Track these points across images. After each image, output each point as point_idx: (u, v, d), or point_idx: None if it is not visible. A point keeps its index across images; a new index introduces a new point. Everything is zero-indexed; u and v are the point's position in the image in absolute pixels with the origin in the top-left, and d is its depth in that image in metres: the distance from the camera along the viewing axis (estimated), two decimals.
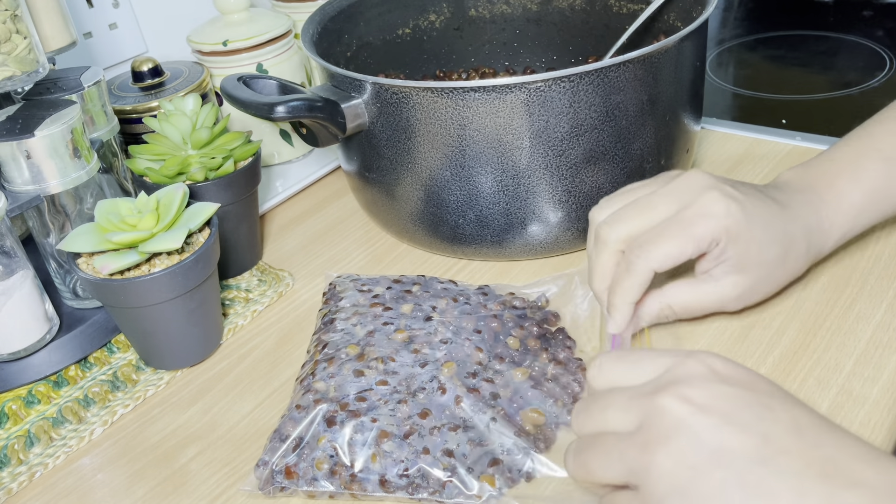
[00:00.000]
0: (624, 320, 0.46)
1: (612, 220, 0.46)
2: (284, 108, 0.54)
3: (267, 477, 0.43)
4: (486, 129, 0.52)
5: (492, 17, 0.79)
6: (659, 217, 0.45)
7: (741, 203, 0.45)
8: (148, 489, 0.46)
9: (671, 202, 0.45)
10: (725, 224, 0.44)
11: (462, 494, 0.41)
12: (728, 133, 0.75)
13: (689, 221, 0.44)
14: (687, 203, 0.45)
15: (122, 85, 0.69)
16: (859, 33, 0.95)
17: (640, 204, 0.46)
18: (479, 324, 0.50)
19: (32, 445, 0.50)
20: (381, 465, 0.42)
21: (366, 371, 0.47)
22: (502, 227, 0.57)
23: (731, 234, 0.44)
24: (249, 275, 0.64)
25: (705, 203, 0.44)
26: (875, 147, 0.49)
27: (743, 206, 0.45)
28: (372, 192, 0.62)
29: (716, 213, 0.44)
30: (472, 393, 0.45)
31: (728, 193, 0.45)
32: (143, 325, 0.52)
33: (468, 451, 0.42)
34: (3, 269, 0.51)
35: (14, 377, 0.53)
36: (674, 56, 0.54)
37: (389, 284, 0.55)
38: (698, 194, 0.45)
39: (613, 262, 0.46)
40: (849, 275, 0.54)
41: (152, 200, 0.51)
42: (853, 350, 0.48)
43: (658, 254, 0.44)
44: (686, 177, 0.46)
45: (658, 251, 0.44)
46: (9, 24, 0.51)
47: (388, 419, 0.43)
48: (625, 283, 0.45)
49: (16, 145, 0.50)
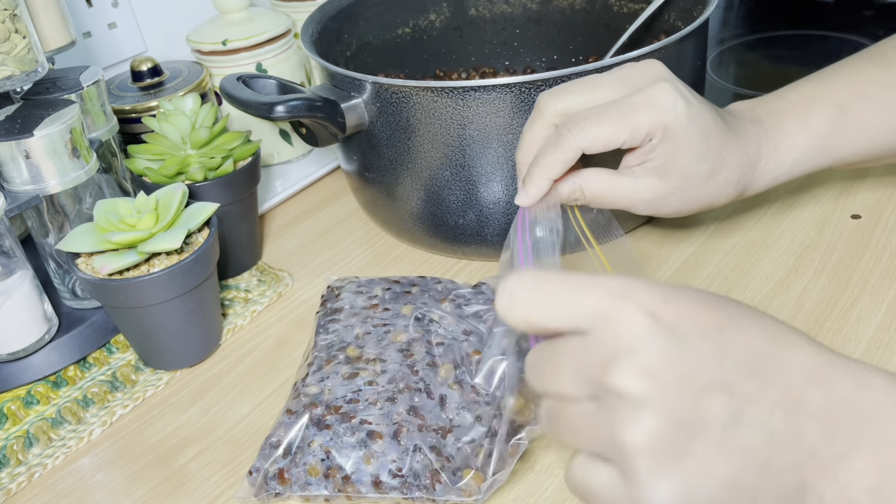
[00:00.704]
0: (538, 194, 0.44)
1: (554, 91, 0.44)
2: (284, 107, 0.53)
3: (260, 483, 0.43)
4: (486, 129, 0.52)
5: (492, 17, 0.78)
6: (603, 97, 0.43)
7: (689, 104, 0.43)
8: (147, 489, 0.46)
9: (620, 86, 0.44)
10: (666, 119, 0.42)
11: (453, 492, 0.41)
12: None
13: (631, 107, 0.42)
14: (636, 89, 0.43)
15: (121, 84, 0.69)
16: (859, 33, 0.95)
17: (587, 81, 0.44)
18: (479, 325, 0.50)
19: (31, 446, 0.50)
20: (374, 467, 0.42)
21: (359, 373, 0.46)
22: (502, 227, 0.57)
23: (667, 132, 0.43)
24: (249, 275, 0.64)
25: (654, 93, 0.43)
26: (829, 92, 0.48)
27: (690, 108, 0.43)
28: (372, 192, 0.61)
29: (661, 105, 0.42)
30: (465, 392, 0.45)
31: (680, 91, 0.43)
32: (143, 326, 0.52)
33: (459, 449, 0.42)
34: (2, 269, 0.51)
35: (13, 377, 0.53)
36: (674, 56, 0.54)
37: (388, 286, 0.55)
38: (650, 83, 0.43)
39: (543, 133, 0.44)
40: (849, 275, 0.54)
41: (151, 200, 0.51)
42: (853, 350, 0.48)
43: (591, 133, 0.42)
44: (643, 64, 0.44)
45: (591, 130, 0.42)
46: (8, 24, 0.51)
47: (380, 420, 0.43)
48: (549, 156, 0.43)
49: (15, 145, 0.50)
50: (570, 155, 0.43)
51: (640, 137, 0.43)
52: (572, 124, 0.42)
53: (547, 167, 0.43)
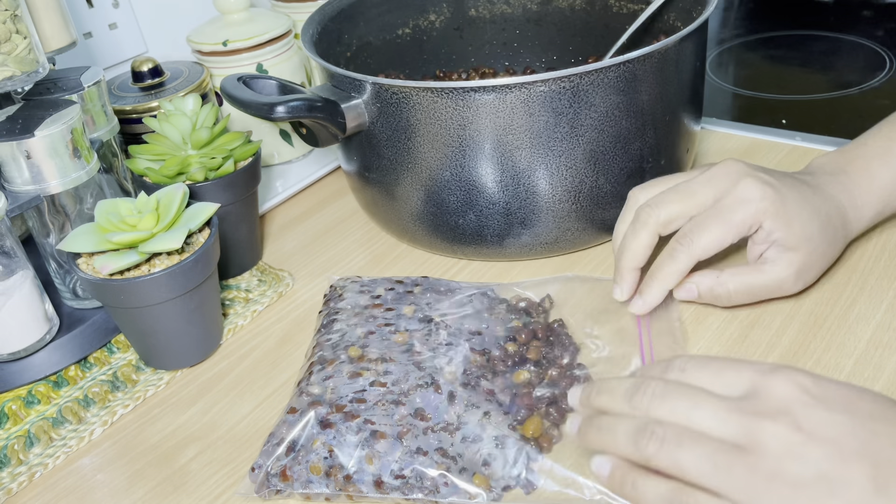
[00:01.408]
0: (655, 303, 0.49)
1: (653, 202, 0.49)
2: (284, 108, 0.54)
3: (262, 480, 0.43)
4: (486, 129, 0.52)
5: (492, 17, 0.79)
6: (698, 203, 0.48)
7: (775, 186, 0.47)
8: (148, 489, 0.46)
9: (709, 189, 0.48)
10: (762, 206, 0.47)
11: (456, 494, 0.41)
12: (728, 133, 0.75)
13: (728, 208, 0.47)
14: (725, 190, 0.48)
15: (122, 85, 0.69)
16: (859, 33, 0.95)
17: (681, 189, 0.49)
18: (481, 326, 0.50)
19: (32, 445, 0.50)
20: (376, 467, 0.42)
21: (363, 373, 0.47)
22: (502, 227, 0.57)
23: (769, 214, 0.47)
24: (249, 275, 0.64)
25: (741, 189, 0.47)
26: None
27: (777, 189, 0.47)
28: (372, 192, 0.62)
29: (752, 197, 0.47)
30: (468, 393, 0.45)
31: (762, 179, 0.48)
32: (143, 326, 0.52)
33: (463, 451, 0.42)
34: (3, 270, 0.51)
35: (14, 377, 0.53)
36: (674, 56, 0.54)
37: (391, 286, 0.55)
38: (735, 182, 0.47)
39: (649, 243, 0.49)
40: (849, 275, 0.54)
41: (152, 200, 0.51)
42: (853, 350, 0.48)
43: (701, 242, 0.47)
44: (723, 165, 0.49)
45: (701, 240, 0.47)
46: (9, 24, 0.51)
47: (383, 420, 0.43)
48: (666, 268, 0.48)
49: (16, 145, 0.50)
50: (685, 266, 0.48)
51: (745, 230, 0.48)
52: (682, 238, 0.48)
53: (665, 279, 0.48)
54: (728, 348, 0.49)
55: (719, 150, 0.72)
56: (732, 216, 0.47)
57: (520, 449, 0.42)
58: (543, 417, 0.44)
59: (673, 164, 0.60)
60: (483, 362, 0.47)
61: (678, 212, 0.48)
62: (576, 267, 0.59)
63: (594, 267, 0.59)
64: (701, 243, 0.47)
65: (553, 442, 0.43)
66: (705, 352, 0.49)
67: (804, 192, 0.49)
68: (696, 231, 0.47)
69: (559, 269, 0.59)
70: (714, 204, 0.48)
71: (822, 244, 0.49)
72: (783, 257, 0.48)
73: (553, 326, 0.51)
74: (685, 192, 0.48)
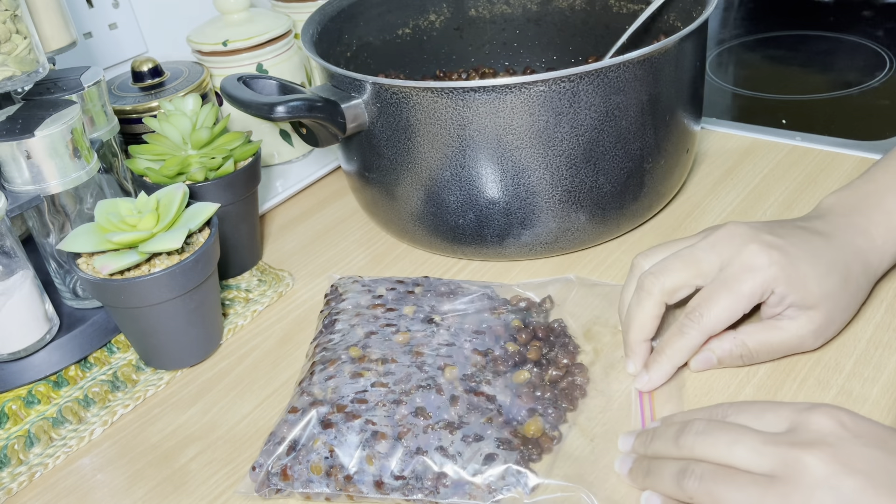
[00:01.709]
0: (662, 380, 0.47)
1: (656, 270, 0.47)
2: (284, 108, 0.54)
3: (262, 479, 0.43)
4: (486, 129, 0.52)
5: (492, 17, 0.79)
6: (702, 270, 0.46)
7: (782, 249, 0.45)
8: (148, 489, 0.46)
9: (714, 256, 0.46)
10: (772, 273, 0.45)
11: (457, 495, 0.41)
12: (728, 133, 0.75)
13: (735, 279, 0.45)
14: (729, 258, 0.46)
15: (122, 85, 0.69)
16: (859, 33, 0.95)
17: (684, 256, 0.47)
18: (482, 326, 0.50)
19: (32, 445, 0.50)
20: (377, 467, 0.42)
21: (364, 373, 0.47)
22: (502, 227, 0.57)
23: (780, 280, 0.45)
24: (249, 275, 0.64)
25: (747, 257, 0.45)
26: None
27: (785, 252, 0.45)
28: (372, 192, 0.62)
29: (759, 265, 0.45)
30: (469, 393, 0.45)
31: (767, 242, 0.45)
32: (143, 325, 0.52)
33: (463, 450, 0.42)
34: (3, 270, 0.51)
35: (14, 377, 0.53)
36: (674, 56, 0.54)
37: (392, 286, 0.55)
38: (739, 249, 0.45)
39: (655, 313, 0.47)
40: None
41: (152, 200, 0.51)
42: (853, 350, 0.48)
43: (711, 317, 0.45)
44: (725, 230, 0.47)
45: (711, 314, 0.45)
46: (9, 24, 0.51)
47: (384, 421, 0.43)
48: (676, 344, 0.46)
49: (16, 145, 0.50)
50: (695, 342, 0.46)
51: (756, 299, 0.45)
52: (693, 314, 0.46)
53: (674, 355, 0.46)
54: None
55: (719, 149, 0.72)
56: (741, 287, 0.45)
57: (520, 450, 0.42)
58: (544, 418, 0.44)
59: (673, 164, 0.60)
60: (484, 362, 0.47)
61: (683, 280, 0.46)
62: (576, 267, 0.59)
63: (594, 267, 0.59)
64: (712, 318, 0.45)
65: (553, 443, 0.43)
66: None
67: (815, 245, 0.46)
68: (704, 305, 0.45)
69: (559, 268, 0.59)
70: (720, 272, 0.46)
71: (843, 298, 0.47)
72: (803, 316, 0.46)
73: (553, 327, 0.51)
74: (689, 259, 0.46)
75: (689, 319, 0.46)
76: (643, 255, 0.49)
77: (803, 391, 0.46)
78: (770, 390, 0.46)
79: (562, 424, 0.45)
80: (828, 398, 0.45)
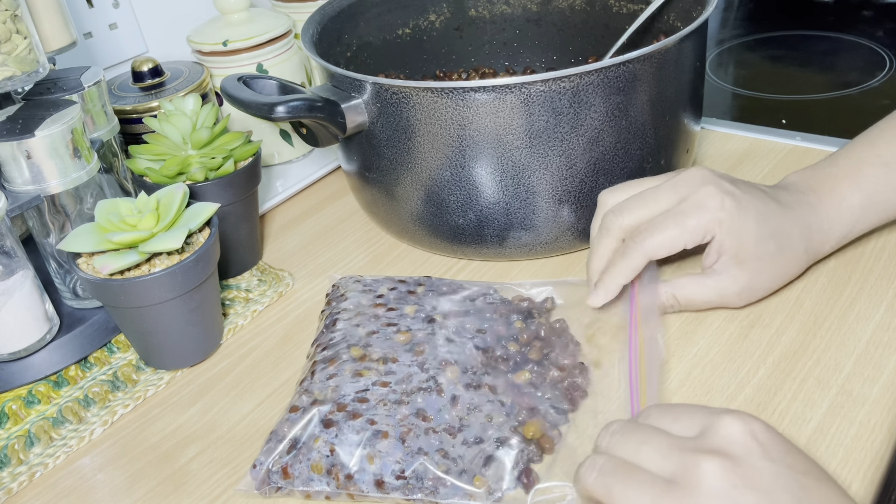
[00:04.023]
0: (607, 297, 0.50)
1: (617, 209, 0.50)
2: (284, 108, 0.54)
3: (263, 477, 0.43)
4: (486, 129, 0.52)
5: (492, 17, 0.79)
6: (660, 208, 0.49)
7: (736, 198, 0.48)
8: (148, 489, 0.46)
9: (672, 196, 0.49)
10: (718, 217, 0.47)
11: (457, 496, 0.41)
12: (728, 133, 0.75)
13: (684, 213, 0.48)
14: (685, 196, 0.48)
15: (122, 85, 0.69)
16: (859, 33, 0.95)
17: (645, 196, 0.50)
18: (483, 325, 0.50)
19: (32, 445, 0.50)
20: (378, 466, 0.42)
21: (365, 372, 0.47)
22: (502, 227, 0.57)
23: (724, 226, 0.47)
24: (249, 275, 0.64)
25: (701, 196, 0.48)
26: (876, 153, 0.51)
27: (738, 201, 0.48)
28: (372, 192, 0.62)
29: (710, 206, 0.47)
30: (470, 394, 0.45)
31: (724, 189, 0.48)
32: (143, 325, 0.52)
33: (464, 453, 0.42)
34: (4, 269, 0.51)
35: (14, 377, 0.53)
36: (674, 56, 0.54)
37: (393, 285, 0.55)
38: (696, 188, 0.48)
39: (613, 247, 0.50)
40: (849, 275, 0.54)
41: (152, 200, 0.51)
42: (853, 350, 0.48)
43: (652, 242, 0.48)
44: (688, 172, 0.50)
45: (652, 239, 0.48)
46: (9, 24, 0.51)
47: (386, 420, 0.43)
48: (618, 264, 0.49)
49: (16, 145, 0.50)
50: (636, 263, 0.49)
51: (699, 237, 0.48)
52: (637, 236, 0.49)
53: (616, 274, 0.49)
54: (728, 348, 0.49)
55: (719, 149, 0.72)
56: (687, 220, 0.47)
57: (521, 451, 0.42)
58: (545, 419, 0.44)
59: (673, 164, 0.60)
60: (485, 362, 0.47)
61: (641, 218, 0.49)
62: (576, 267, 0.59)
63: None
64: (654, 242, 0.48)
65: (554, 443, 0.43)
66: (705, 352, 0.50)
67: (769, 208, 0.49)
68: (650, 230, 0.48)
69: (559, 268, 0.59)
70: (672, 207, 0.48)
71: (773, 265, 0.49)
72: (729, 272, 0.49)
73: (555, 327, 0.51)
74: (649, 199, 0.49)
75: (633, 241, 0.48)
76: (609, 191, 0.52)
77: (803, 391, 0.46)
78: (770, 390, 0.46)
79: (562, 425, 0.45)
80: (828, 398, 0.45)
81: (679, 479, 0.33)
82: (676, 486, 0.33)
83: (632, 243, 0.49)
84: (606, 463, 0.36)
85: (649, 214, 0.49)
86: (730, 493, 0.32)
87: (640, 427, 0.37)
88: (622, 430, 0.37)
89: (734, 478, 0.32)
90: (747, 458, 0.33)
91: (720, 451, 0.33)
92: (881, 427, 0.43)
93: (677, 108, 0.57)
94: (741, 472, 0.32)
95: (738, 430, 0.34)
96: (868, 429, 0.43)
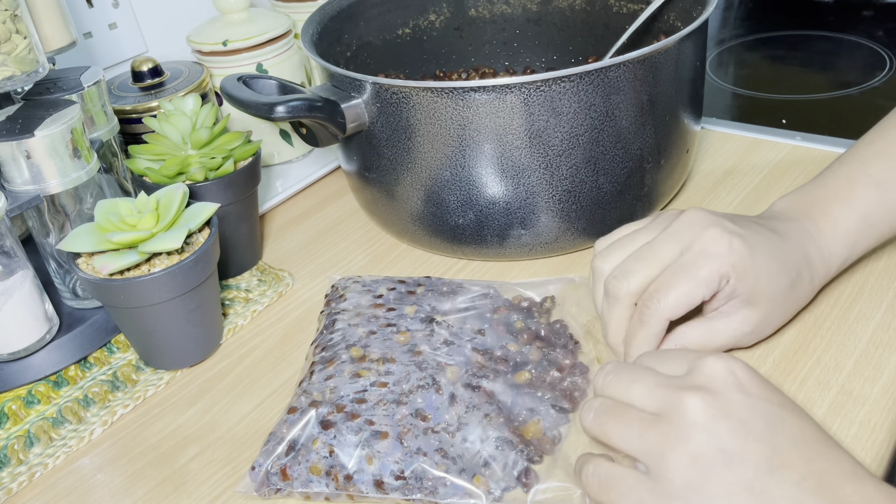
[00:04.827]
0: None
1: (619, 273, 0.46)
2: (284, 108, 0.54)
3: (262, 479, 0.43)
4: (486, 129, 0.52)
5: (492, 17, 0.79)
6: (665, 264, 0.45)
7: (743, 237, 0.44)
8: (148, 489, 0.46)
9: (674, 246, 0.45)
10: (731, 261, 0.44)
11: (456, 496, 0.41)
12: (728, 133, 0.75)
13: (694, 264, 0.44)
14: (688, 244, 0.44)
15: (121, 85, 0.69)
16: (859, 33, 0.95)
17: (644, 254, 0.46)
18: (483, 325, 0.50)
19: (32, 445, 0.50)
20: (377, 467, 0.42)
21: (363, 373, 0.47)
22: (502, 227, 0.57)
23: (737, 269, 0.44)
24: (249, 275, 0.64)
25: (707, 243, 0.44)
26: (865, 172, 0.49)
27: (745, 240, 0.44)
28: (372, 192, 0.62)
29: (719, 251, 0.44)
30: (469, 394, 0.45)
31: (728, 229, 0.44)
32: (143, 325, 0.52)
33: (463, 452, 0.42)
34: (3, 269, 0.51)
35: (14, 377, 0.53)
36: (674, 56, 0.54)
37: (393, 285, 0.55)
38: (699, 233, 0.44)
39: (627, 315, 0.46)
40: (849, 275, 0.54)
41: (152, 200, 0.51)
42: (853, 350, 0.48)
43: (669, 302, 0.44)
44: (685, 216, 0.46)
45: (668, 299, 0.44)
46: (9, 24, 0.51)
47: (384, 420, 0.43)
48: (639, 334, 0.45)
49: (16, 145, 0.50)
50: (657, 328, 0.45)
51: (714, 286, 0.44)
52: (649, 300, 0.44)
53: (640, 345, 0.45)
54: None
55: (719, 149, 0.72)
56: (697, 271, 0.43)
57: (520, 451, 0.42)
58: (544, 418, 0.44)
59: (673, 164, 0.60)
60: (484, 363, 0.47)
61: (647, 278, 0.45)
62: (576, 267, 0.59)
63: None
64: (668, 303, 0.43)
65: (554, 443, 0.43)
66: None
67: (773, 241, 0.45)
68: (661, 291, 0.44)
69: (559, 269, 0.59)
70: (679, 257, 0.45)
71: (785, 302, 0.46)
72: (740, 314, 0.45)
73: (555, 327, 0.51)
74: (649, 255, 0.45)
75: (646, 307, 0.44)
76: (601, 256, 0.48)
77: (803, 391, 0.46)
78: None
79: (562, 425, 0.45)
80: (828, 398, 0.45)
81: (664, 413, 0.36)
82: (662, 420, 0.36)
83: (646, 309, 0.44)
84: (601, 404, 0.39)
85: (654, 272, 0.45)
86: (709, 423, 0.35)
87: (631, 367, 0.40)
88: (615, 370, 0.40)
89: (713, 410, 0.35)
90: (726, 392, 0.36)
91: (702, 387, 0.36)
92: (881, 427, 0.43)
93: (677, 108, 0.57)
94: (719, 405, 0.35)
95: (719, 368, 0.36)
96: (868, 429, 0.43)
